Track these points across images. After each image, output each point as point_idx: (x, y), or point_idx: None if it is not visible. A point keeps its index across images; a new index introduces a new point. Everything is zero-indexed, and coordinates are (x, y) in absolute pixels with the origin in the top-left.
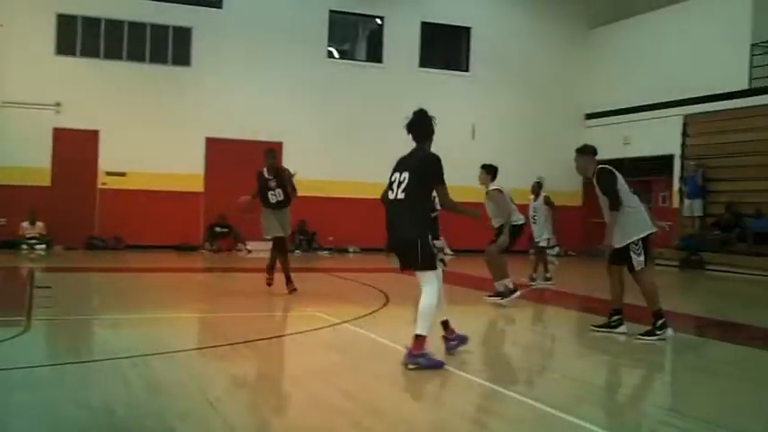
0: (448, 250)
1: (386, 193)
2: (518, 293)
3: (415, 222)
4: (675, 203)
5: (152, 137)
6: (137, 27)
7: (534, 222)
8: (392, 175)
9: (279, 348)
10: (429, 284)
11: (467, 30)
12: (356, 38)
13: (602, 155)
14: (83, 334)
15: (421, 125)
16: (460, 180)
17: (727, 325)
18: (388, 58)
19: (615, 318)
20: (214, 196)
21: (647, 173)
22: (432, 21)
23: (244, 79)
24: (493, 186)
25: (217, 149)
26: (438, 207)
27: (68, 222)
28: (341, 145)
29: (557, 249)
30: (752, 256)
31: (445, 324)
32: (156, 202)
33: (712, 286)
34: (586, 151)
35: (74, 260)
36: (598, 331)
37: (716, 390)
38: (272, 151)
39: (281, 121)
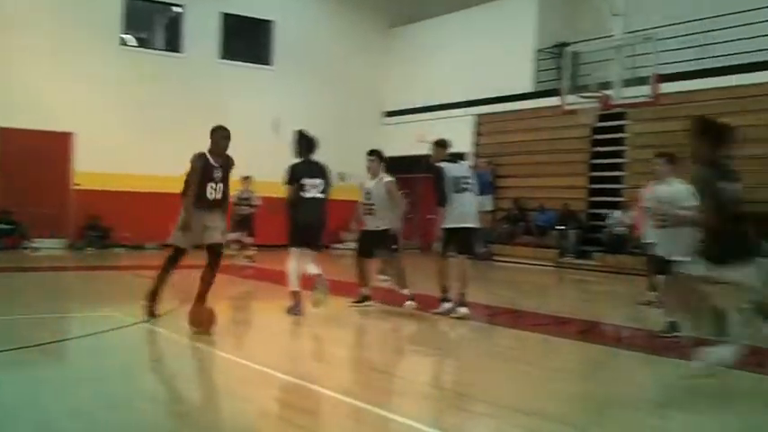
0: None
1: (295, 193)
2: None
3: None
4: None
5: None
6: None
7: None
8: (303, 178)
9: (74, 351)
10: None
11: (269, 23)
12: (154, 26)
13: (400, 152)
14: None
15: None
16: (265, 175)
17: (513, 312)
18: (187, 48)
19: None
20: None
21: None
22: (233, 12)
23: (31, 65)
24: (387, 178)
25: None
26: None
27: None
28: (137, 137)
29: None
30: (536, 248)
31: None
32: None
33: (501, 276)
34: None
35: None
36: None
37: (507, 374)
38: (224, 129)
39: (73, 111)
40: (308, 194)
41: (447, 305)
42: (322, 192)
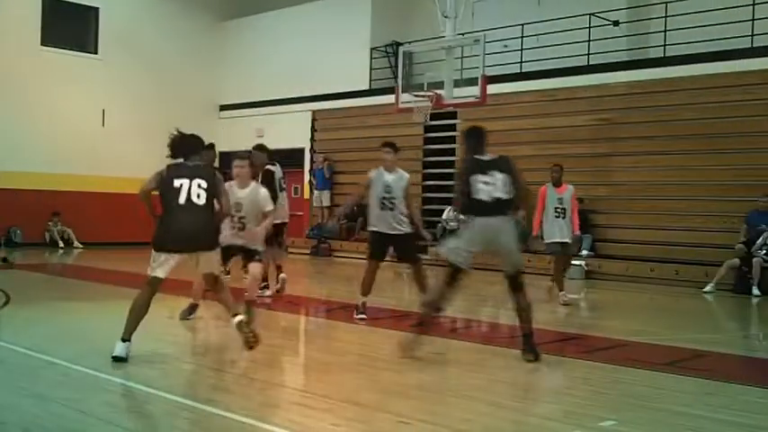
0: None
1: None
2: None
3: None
4: (307, 194)
5: None
6: None
7: None
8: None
9: None
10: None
11: (95, 9)
12: None
13: (236, 146)
14: None
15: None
16: (88, 169)
17: (353, 307)
18: (4, 34)
19: None
20: None
21: (281, 165)
22: None
23: None
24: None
25: None
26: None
27: None
28: None
29: None
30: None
31: None
32: None
33: (338, 272)
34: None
35: None
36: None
37: (345, 369)
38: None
39: None
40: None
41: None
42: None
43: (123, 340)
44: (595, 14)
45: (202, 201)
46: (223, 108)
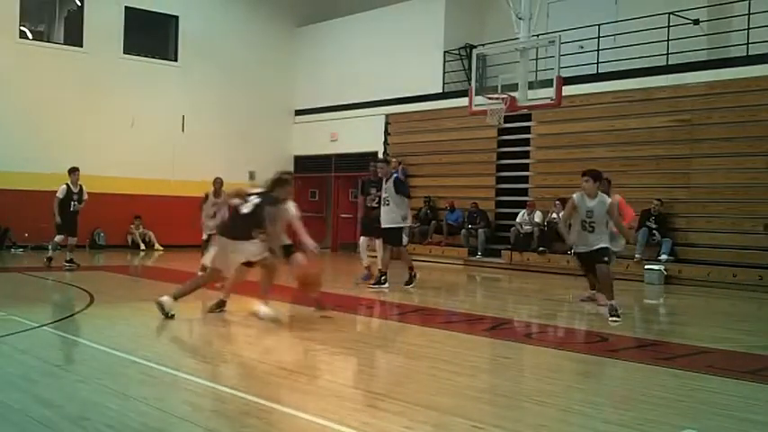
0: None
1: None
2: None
3: None
4: None
5: None
6: None
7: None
8: None
9: None
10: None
11: (174, 18)
12: (54, 19)
13: (311, 151)
14: None
15: None
16: (169, 174)
17: (427, 310)
18: (89, 42)
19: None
20: None
21: (354, 169)
22: (136, 6)
23: None
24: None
25: None
26: None
27: None
28: (36, 134)
29: None
30: (446, 247)
31: None
32: None
33: None
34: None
35: None
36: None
37: (419, 372)
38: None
39: None
40: None
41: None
42: None
43: None
44: (674, 13)
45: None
46: (298, 113)
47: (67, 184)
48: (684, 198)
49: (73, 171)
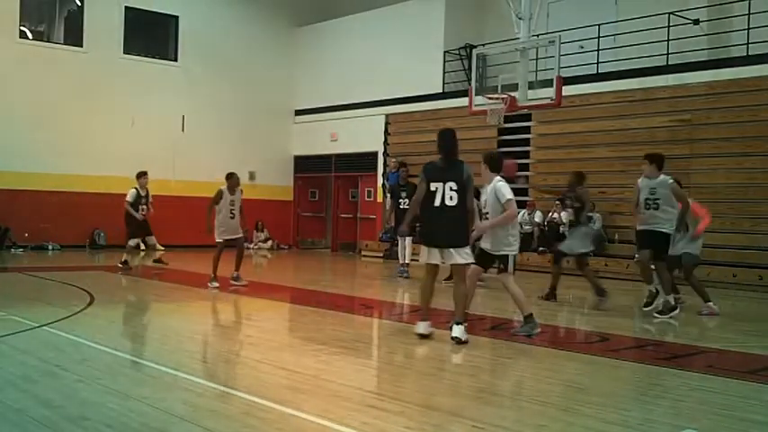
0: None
1: None
2: None
3: None
4: (380, 198)
5: None
6: None
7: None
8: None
9: None
10: None
11: (174, 18)
12: (53, 19)
13: (310, 150)
14: None
15: None
16: (169, 173)
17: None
18: (89, 42)
19: None
20: None
21: (354, 169)
22: (136, 6)
23: None
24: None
25: None
26: None
27: None
28: (36, 133)
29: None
30: None
31: None
32: None
33: (414, 274)
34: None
35: None
36: None
37: (419, 372)
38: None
39: None
40: None
41: None
42: None
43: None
44: (674, 13)
45: None
46: (298, 113)
47: (136, 188)
48: None
49: (142, 175)
